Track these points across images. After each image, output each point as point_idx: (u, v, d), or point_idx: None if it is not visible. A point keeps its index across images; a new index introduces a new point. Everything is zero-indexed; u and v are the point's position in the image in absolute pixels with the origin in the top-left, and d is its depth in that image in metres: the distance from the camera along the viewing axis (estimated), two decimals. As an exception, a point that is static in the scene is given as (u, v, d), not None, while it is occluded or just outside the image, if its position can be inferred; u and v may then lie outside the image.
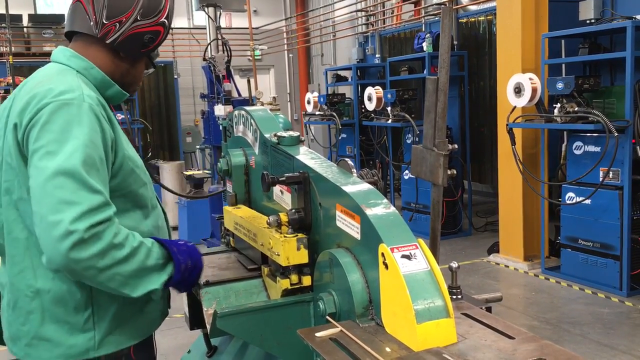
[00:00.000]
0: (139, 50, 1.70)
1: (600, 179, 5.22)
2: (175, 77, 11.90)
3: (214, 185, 6.92)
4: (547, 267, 5.98)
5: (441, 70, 1.74)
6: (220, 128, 6.28)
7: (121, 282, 1.48)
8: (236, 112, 2.51)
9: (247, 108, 2.39)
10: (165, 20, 1.73)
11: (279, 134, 2.07)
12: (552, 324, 4.75)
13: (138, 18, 1.66)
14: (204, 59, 6.60)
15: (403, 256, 1.38)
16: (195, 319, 2.15)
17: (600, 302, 5.16)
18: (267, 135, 2.14)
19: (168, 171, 8.37)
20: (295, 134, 2.07)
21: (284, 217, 1.79)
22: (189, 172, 7.45)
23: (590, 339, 4.39)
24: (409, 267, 1.36)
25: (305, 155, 1.93)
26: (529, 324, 4.73)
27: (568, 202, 5.58)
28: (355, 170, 1.79)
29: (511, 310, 5.12)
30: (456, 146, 2.02)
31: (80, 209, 1.40)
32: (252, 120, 2.29)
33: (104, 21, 1.64)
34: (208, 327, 1.80)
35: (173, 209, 8.12)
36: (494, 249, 6.68)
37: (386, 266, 1.38)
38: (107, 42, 1.65)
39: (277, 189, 2.04)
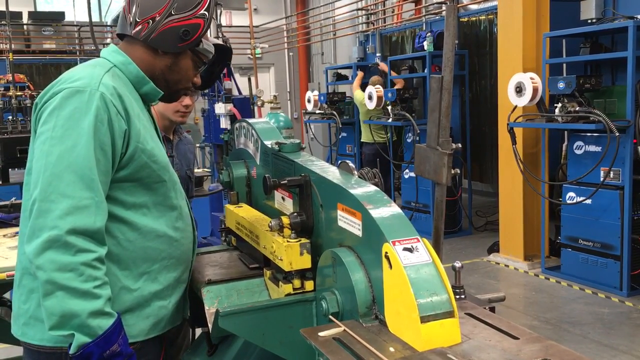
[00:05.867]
0: (176, 44, 1.69)
1: (601, 179, 5.21)
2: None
3: (214, 183, 6.91)
4: (547, 266, 5.98)
5: (445, 69, 1.73)
6: (220, 124, 6.26)
7: (51, 310, 1.42)
8: (237, 125, 2.53)
9: (248, 120, 2.42)
10: (206, 13, 1.70)
11: (280, 141, 2.09)
12: (552, 323, 4.74)
13: (172, 13, 1.66)
14: (205, 57, 6.57)
15: (405, 249, 1.38)
16: (196, 318, 2.15)
17: (601, 302, 5.15)
18: (268, 144, 2.16)
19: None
20: (296, 141, 2.10)
21: (285, 220, 1.79)
22: (189, 170, 7.42)
23: (590, 339, 4.39)
24: (410, 260, 1.36)
25: (306, 160, 1.94)
26: (529, 324, 4.72)
27: (568, 201, 5.58)
28: (356, 172, 1.78)
29: (511, 309, 5.12)
30: (460, 145, 2.02)
31: (71, 203, 1.44)
32: (253, 131, 2.31)
33: (137, 19, 1.67)
34: (210, 326, 1.79)
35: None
36: (494, 248, 6.67)
37: (390, 265, 1.37)
38: (141, 39, 1.68)
39: (278, 195, 2.04)
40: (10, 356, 3.44)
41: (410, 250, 1.38)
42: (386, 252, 1.38)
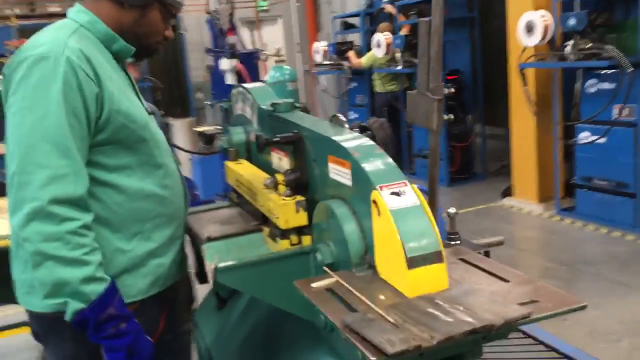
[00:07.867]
0: None
1: (614, 117, 5.11)
2: (182, 32, 11.74)
3: (225, 140, 6.92)
4: (561, 208, 5.95)
5: (434, 12, 1.68)
6: (225, 80, 6.21)
7: (43, 280, 1.45)
8: (234, 91, 2.57)
9: (245, 85, 2.44)
10: None
11: (274, 101, 2.11)
12: (566, 264, 4.75)
13: None
14: (207, 12, 6.50)
15: (392, 193, 1.38)
16: (204, 273, 2.19)
17: (615, 240, 5.14)
18: (263, 106, 2.18)
19: (179, 128, 8.40)
20: (290, 100, 2.11)
21: (280, 177, 1.80)
22: (201, 129, 7.44)
23: (603, 277, 4.40)
24: (397, 203, 1.36)
25: (300, 117, 1.94)
26: (544, 266, 4.74)
27: (582, 141, 5.49)
28: (347, 125, 1.78)
29: (525, 252, 5.14)
30: (452, 90, 1.98)
31: (48, 173, 1.43)
32: (249, 95, 2.33)
33: None
34: (210, 281, 1.82)
35: (186, 165, 8.18)
36: (507, 192, 6.64)
37: (378, 212, 1.38)
38: None
39: (275, 156, 2.05)
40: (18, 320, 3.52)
41: (397, 194, 1.38)
42: (374, 199, 1.39)
